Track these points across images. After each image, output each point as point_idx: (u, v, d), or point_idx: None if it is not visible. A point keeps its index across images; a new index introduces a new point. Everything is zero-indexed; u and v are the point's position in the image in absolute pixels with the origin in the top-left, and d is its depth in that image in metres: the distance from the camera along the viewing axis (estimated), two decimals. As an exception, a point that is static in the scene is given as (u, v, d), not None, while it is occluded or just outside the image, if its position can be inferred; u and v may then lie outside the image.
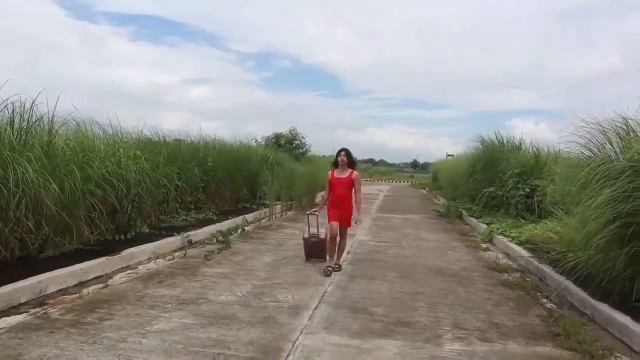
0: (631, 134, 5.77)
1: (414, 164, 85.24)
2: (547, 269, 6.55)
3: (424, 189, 32.18)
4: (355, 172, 6.69)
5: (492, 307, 5.21)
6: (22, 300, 4.58)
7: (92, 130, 7.59)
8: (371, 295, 5.48)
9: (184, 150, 10.80)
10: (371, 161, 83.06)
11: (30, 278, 4.83)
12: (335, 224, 6.54)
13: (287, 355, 3.66)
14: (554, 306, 5.38)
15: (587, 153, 6.42)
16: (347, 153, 6.65)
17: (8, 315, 4.24)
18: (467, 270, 7.04)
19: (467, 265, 7.47)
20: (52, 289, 4.95)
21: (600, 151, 6.09)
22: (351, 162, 6.70)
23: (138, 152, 8.13)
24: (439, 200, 20.87)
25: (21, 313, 4.34)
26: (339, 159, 6.63)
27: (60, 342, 3.68)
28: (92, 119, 7.83)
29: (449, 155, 31.38)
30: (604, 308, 4.78)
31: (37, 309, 4.45)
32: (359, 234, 10.08)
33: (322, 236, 7.12)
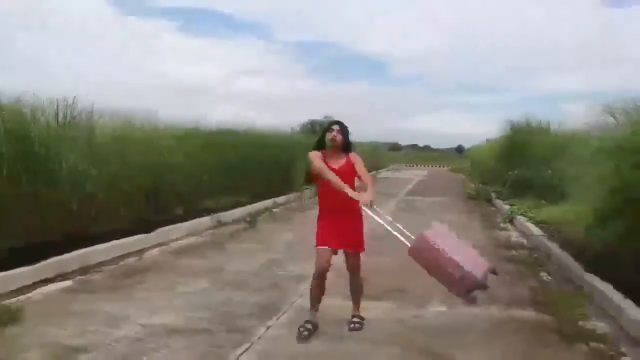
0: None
1: (459, 149, 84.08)
2: (552, 245, 6.87)
3: (463, 174, 32.09)
4: (353, 154, 4.06)
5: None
6: (71, 269, 5.37)
7: (131, 122, 8.37)
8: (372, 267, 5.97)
9: (219, 139, 11.51)
10: (414, 147, 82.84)
11: (77, 251, 5.63)
12: (327, 252, 3.94)
13: (283, 313, 4.30)
14: (551, 279, 5.73)
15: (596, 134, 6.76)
16: (342, 128, 3.96)
17: (60, 281, 5.03)
18: (475, 247, 7.37)
19: (477, 243, 7.74)
20: (94, 260, 5.73)
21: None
22: (346, 143, 4.01)
23: (173, 141, 8.86)
24: (474, 185, 20.95)
25: (69, 279, 5.12)
26: (331, 136, 3.89)
27: (97, 301, 4.43)
28: (133, 112, 8.64)
29: (488, 140, 31.13)
30: (591, 278, 5.11)
31: (83, 276, 5.24)
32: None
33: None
